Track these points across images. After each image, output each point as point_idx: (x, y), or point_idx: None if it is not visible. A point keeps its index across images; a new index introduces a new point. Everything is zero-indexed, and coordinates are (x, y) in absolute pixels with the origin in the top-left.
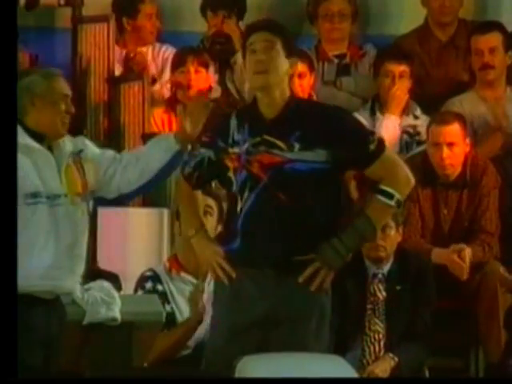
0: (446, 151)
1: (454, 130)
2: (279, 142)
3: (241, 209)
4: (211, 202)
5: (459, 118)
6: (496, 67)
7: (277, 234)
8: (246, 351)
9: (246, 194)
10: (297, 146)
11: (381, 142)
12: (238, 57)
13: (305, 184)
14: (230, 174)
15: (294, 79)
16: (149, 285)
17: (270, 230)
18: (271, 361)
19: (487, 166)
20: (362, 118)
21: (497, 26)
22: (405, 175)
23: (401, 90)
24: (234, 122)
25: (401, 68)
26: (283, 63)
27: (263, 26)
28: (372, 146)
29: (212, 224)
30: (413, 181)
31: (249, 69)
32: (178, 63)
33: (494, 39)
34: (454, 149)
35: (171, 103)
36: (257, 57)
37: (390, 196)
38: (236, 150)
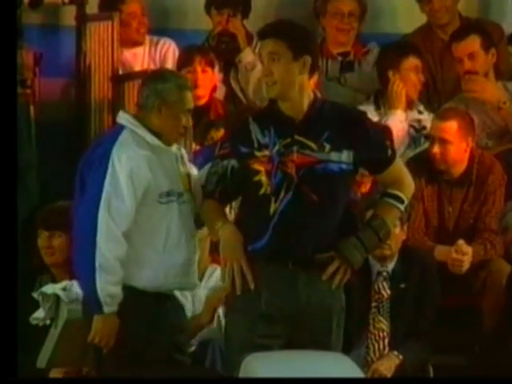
0: (436, 146)
1: (448, 127)
2: (310, 143)
3: (275, 210)
4: None
5: (460, 115)
6: (479, 72)
7: (307, 232)
8: (271, 347)
9: (282, 195)
10: (327, 146)
11: (394, 148)
12: (243, 56)
13: (335, 184)
14: (262, 176)
15: None
16: None
17: (301, 228)
18: (276, 359)
19: (494, 164)
20: (367, 111)
21: (473, 29)
22: (409, 181)
23: (398, 85)
24: (254, 126)
25: (410, 62)
26: (293, 67)
27: (268, 33)
28: (390, 151)
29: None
30: (414, 186)
31: (262, 80)
32: (185, 62)
33: (472, 44)
34: (446, 145)
35: None
36: (264, 69)
37: (401, 201)
38: (265, 152)
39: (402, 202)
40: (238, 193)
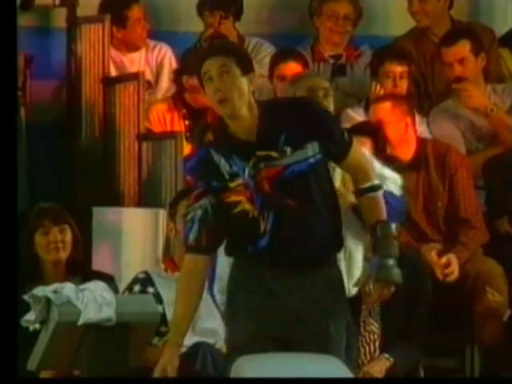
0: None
1: (382, 108)
2: (271, 153)
3: (264, 229)
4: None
5: (394, 97)
6: (468, 77)
7: (297, 238)
8: (268, 350)
9: (266, 214)
10: (288, 149)
11: (348, 131)
12: None
13: (308, 182)
14: (245, 205)
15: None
16: (137, 288)
17: (293, 237)
18: (266, 361)
19: (449, 147)
20: (357, 114)
21: (463, 34)
22: (371, 162)
23: (375, 87)
24: (219, 159)
25: (401, 68)
26: (243, 83)
27: (214, 51)
28: (346, 135)
29: None
30: (375, 165)
31: (211, 98)
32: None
33: (462, 49)
34: (386, 127)
35: (176, 103)
36: (215, 85)
37: (378, 187)
38: (239, 181)
39: (379, 188)
40: (224, 229)
